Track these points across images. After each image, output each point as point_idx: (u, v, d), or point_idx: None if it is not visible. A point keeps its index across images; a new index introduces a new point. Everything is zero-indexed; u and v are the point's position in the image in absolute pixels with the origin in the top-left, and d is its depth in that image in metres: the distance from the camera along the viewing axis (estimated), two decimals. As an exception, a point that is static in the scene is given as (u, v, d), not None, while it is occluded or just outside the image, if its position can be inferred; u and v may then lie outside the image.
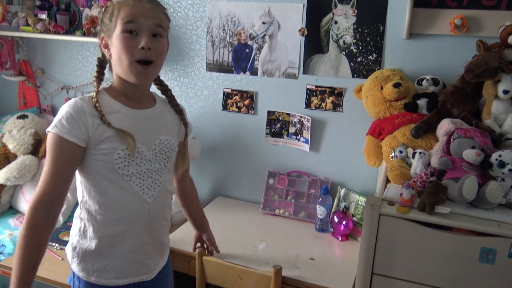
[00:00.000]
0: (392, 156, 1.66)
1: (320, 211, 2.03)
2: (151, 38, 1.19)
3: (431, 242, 1.41)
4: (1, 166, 2.23)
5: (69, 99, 2.65)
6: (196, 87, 2.37)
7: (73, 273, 1.29)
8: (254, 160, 2.32)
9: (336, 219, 1.99)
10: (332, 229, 2.03)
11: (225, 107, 2.32)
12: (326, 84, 2.11)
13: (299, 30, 2.10)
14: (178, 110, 1.42)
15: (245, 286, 1.73)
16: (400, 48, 1.95)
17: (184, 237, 1.98)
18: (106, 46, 1.25)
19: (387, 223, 1.44)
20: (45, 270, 1.77)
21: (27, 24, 2.43)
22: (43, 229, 1.15)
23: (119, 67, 1.21)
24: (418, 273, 1.44)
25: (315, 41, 2.08)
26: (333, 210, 2.06)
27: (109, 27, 1.20)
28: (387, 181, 1.63)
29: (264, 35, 2.16)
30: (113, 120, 1.19)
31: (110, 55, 1.24)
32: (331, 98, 2.11)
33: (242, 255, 1.83)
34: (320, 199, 2.04)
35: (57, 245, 1.92)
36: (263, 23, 2.15)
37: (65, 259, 1.84)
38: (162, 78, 1.48)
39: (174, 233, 2.03)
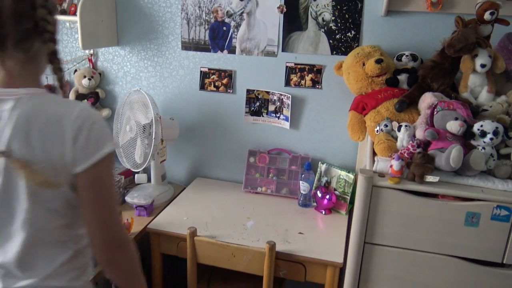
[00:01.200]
0: (377, 130, 1.72)
1: (304, 186, 2.07)
2: None
3: (420, 209, 1.48)
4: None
5: None
6: (171, 67, 2.31)
7: None
8: (233, 140, 2.32)
9: (319, 194, 2.04)
10: (315, 204, 2.08)
11: (202, 86, 2.29)
12: (306, 61, 2.12)
13: (278, 7, 2.09)
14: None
15: (238, 264, 1.74)
16: (378, 25, 2.00)
17: (170, 219, 1.96)
18: None
19: (379, 194, 1.50)
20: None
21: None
22: None
23: None
24: (408, 239, 1.52)
25: (294, 19, 2.09)
26: (315, 185, 2.10)
27: None
28: (373, 154, 1.69)
29: (242, 12, 2.14)
30: None
31: None
32: (310, 76, 2.13)
33: (232, 234, 1.84)
34: (303, 175, 2.08)
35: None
36: (241, 0, 2.12)
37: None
38: (134, 57, 1.37)
39: (160, 216, 2.00)
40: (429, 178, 1.47)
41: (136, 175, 2.21)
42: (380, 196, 1.50)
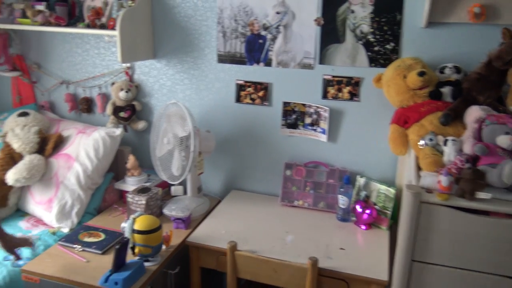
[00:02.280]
0: (422, 144, 1.68)
1: (342, 200, 2.05)
2: None
3: (470, 227, 1.44)
4: (6, 166, 2.12)
5: (70, 95, 2.57)
6: (207, 79, 2.32)
7: None
8: (269, 152, 2.31)
9: (359, 208, 2.01)
10: (354, 218, 2.05)
11: (238, 99, 2.29)
12: (343, 74, 2.11)
13: (315, 20, 2.08)
14: None
15: (280, 280, 1.72)
16: (419, 37, 1.97)
17: (208, 232, 1.96)
18: None
19: (427, 211, 1.46)
20: (71, 272, 1.71)
21: (24, 16, 2.31)
22: None
23: None
24: (458, 258, 1.48)
25: (331, 31, 2.07)
26: (353, 199, 2.07)
27: None
28: (418, 169, 1.66)
29: (279, 25, 2.13)
30: None
31: None
32: (348, 88, 2.11)
33: (272, 249, 1.82)
34: (342, 189, 2.05)
35: (78, 246, 1.85)
36: (277, 13, 2.12)
37: (91, 260, 1.78)
38: (170, 70, 1.52)
39: (198, 229, 1.99)
40: (481, 195, 1.43)
41: (172, 187, 2.22)
42: (428, 213, 1.46)
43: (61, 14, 2.30)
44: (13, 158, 2.16)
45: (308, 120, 2.20)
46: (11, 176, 2.05)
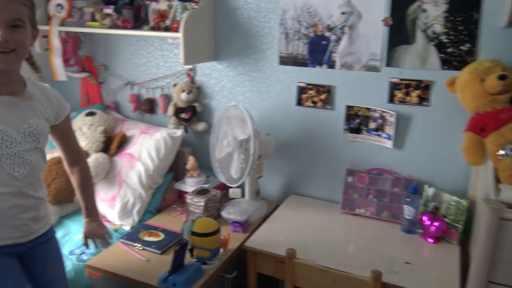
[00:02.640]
0: (502, 155, 1.54)
1: (408, 211, 1.93)
2: (9, 30, 1.27)
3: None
4: (73, 164, 2.20)
5: (134, 95, 2.64)
6: (267, 82, 2.29)
7: None
8: (330, 157, 2.23)
9: (426, 220, 1.88)
10: (420, 231, 1.93)
11: (299, 102, 2.23)
12: (412, 76, 1.99)
13: (383, 20, 1.98)
14: (43, 91, 1.48)
15: (340, 291, 1.65)
16: (499, 38, 1.81)
17: (266, 237, 1.92)
18: None
19: (508, 228, 1.33)
20: (131, 271, 1.73)
21: (93, 19, 2.39)
22: None
23: None
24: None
25: (400, 31, 1.96)
26: (420, 210, 1.95)
27: None
28: (497, 181, 1.52)
29: (344, 26, 2.06)
30: None
31: None
32: (417, 92, 1.99)
33: (332, 258, 1.75)
34: (408, 199, 1.93)
35: (139, 245, 1.88)
36: (342, 13, 2.04)
37: (150, 259, 1.81)
38: (231, 72, 2.01)
39: (256, 234, 1.96)
40: None
41: (230, 189, 2.21)
42: (509, 231, 1.33)
43: (127, 17, 2.36)
44: (80, 156, 2.24)
45: (372, 125, 2.10)
46: (78, 174, 2.12)
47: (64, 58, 2.52)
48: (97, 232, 1.69)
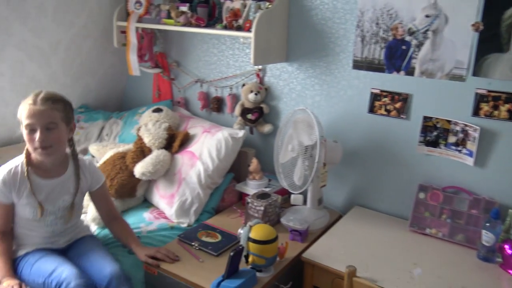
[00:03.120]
0: None
1: (487, 237, 1.74)
2: (45, 131, 1.62)
3: None
4: (136, 159, 2.24)
5: (203, 93, 2.65)
6: (339, 86, 2.18)
7: None
8: (402, 170, 2.08)
9: (508, 249, 1.68)
10: (500, 260, 1.73)
11: (371, 109, 2.10)
12: (503, 88, 1.79)
13: (473, 25, 1.80)
14: (76, 168, 1.79)
15: (403, 319, 1.51)
16: None
17: (326, 250, 1.82)
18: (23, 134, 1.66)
19: None
20: (186, 271, 1.72)
21: (169, 17, 2.43)
22: None
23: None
24: None
25: (492, 38, 1.77)
26: (501, 237, 1.75)
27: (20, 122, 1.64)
28: None
29: (427, 30, 1.90)
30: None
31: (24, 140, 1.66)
32: (507, 106, 1.79)
33: (395, 281, 1.62)
34: (487, 223, 1.74)
35: (196, 244, 1.87)
36: (427, 16, 1.89)
37: (205, 260, 1.78)
38: (301, 74, 2.23)
39: (315, 245, 1.87)
40: None
41: (292, 195, 2.13)
42: None
43: (201, 15, 2.37)
44: (143, 151, 2.28)
45: (452, 139, 1.92)
46: (138, 170, 2.16)
47: (139, 54, 2.60)
48: (154, 252, 1.79)
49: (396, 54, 1.99)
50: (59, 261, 1.67)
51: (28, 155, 1.70)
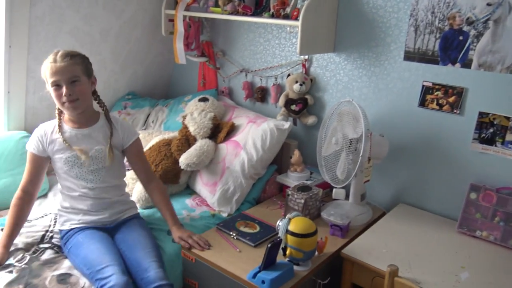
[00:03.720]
0: None
1: (545, 244, 1.61)
2: (70, 85, 1.68)
3: None
4: (181, 147, 2.25)
5: (248, 83, 2.63)
6: (388, 78, 2.09)
7: None
8: (452, 168, 1.97)
9: None
10: (559, 270, 1.60)
11: (422, 103, 2.00)
12: None
13: (539, 14, 1.66)
14: (110, 122, 1.85)
15: (448, 324, 1.43)
16: None
17: (367, 247, 1.76)
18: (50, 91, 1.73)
19: None
20: (223, 260, 1.72)
21: (216, 5, 2.42)
22: None
23: (58, 106, 1.76)
24: None
25: (561, 28, 1.63)
26: (562, 245, 1.61)
27: (45, 81, 1.72)
28: None
29: (487, 19, 1.77)
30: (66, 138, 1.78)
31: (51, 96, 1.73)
32: None
33: (440, 283, 1.54)
34: (546, 230, 1.62)
35: (234, 234, 1.86)
36: (488, 4, 1.76)
37: (242, 250, 1.77)
38: (349, 65, 2.18)
39: (356, 241, 1.81)
40: None
41: (334, 189, 2.08)
42: None
43: (249, 3, 2.33)
44: (188, 140, 2.29)
45: (510, 137, 1.79)
46: (183, 161, 2.16)
47: (185, 42, 2.61)
48: (186, 236, 1.82)
49: (452, 45, 1.88)
50: (108, 256, 1.63)
51: (59, 113, 1.79)
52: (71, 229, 1.78)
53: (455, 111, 1.92)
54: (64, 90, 1.67)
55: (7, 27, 2.11)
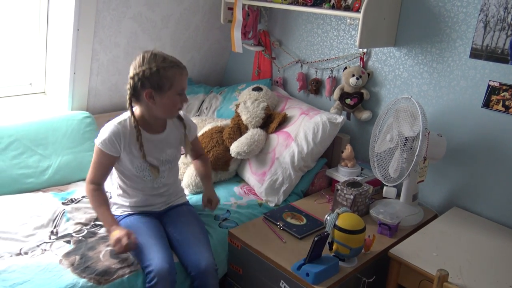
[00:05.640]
0: None
1: None
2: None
3: None
4: (233, 135, 2.28)
5: (302, 74, 2.61)
6: (451, 76, 2.00)
7: None
8: (514, 175, 1.87)
9: None
10: None
11: (486, 104, 1.90)
12: None
13: None
14: (182, 121, 1.88)
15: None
16: None
17: (416, 249, 1.71)
18: (151, 97, 1.67)
19: None
20: (269, 249, 1.73)
21: (277, -6, 2.41)
22: None
23: (161, 113, 1.73)
24: None
25: None
26: None
27: (162, 86, 1.66)
28: None
29: None
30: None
31: (153, 105, 1.69)
32: None
33: (494, 294, 1.47)
34: None
35: (280, 224, 1.87)
36: None
37: (287, 242, 1.78)
38: (409, 61, 2.11)
39: (405, 242, 1.76)
40: None
41: (385, 187, 2.03)
42: None
43: (309, -7, 2.31)
44: (239, 128, 2.32)
45: None
46: (234, 149, 2.19)
47: (243, 31, 2.62)
48: (215, 198, 1.93)
49: (524, 44, 1.77)
50: (154, 242, 1.65)
51: (133, 113, 1.73)
52: (121, 214, 1.82)
53: (522, 114, 1.81)
54: (184, 100, 1.73)
55: (76, 11, 2.21)
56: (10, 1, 2.29)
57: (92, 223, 1.88)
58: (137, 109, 1.75)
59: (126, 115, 1.75)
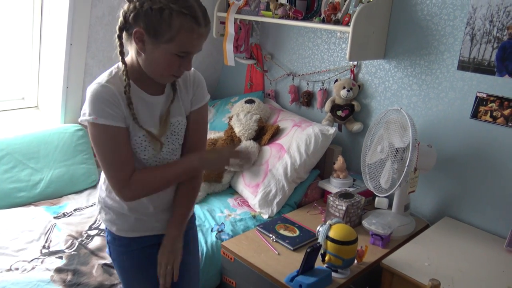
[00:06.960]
0: None
1: None
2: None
3: None
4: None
5: (294, 86, 2.64)
6: (440, 88, 2.03)
7: None
8: (504, 184, 1.89)
9: None
10: None
11: (475, 115, 1.93)
12: None
13: None
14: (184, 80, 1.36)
15: None
16: None
17: (408, 259, 1.72)
18: (141, 41, 1.16)
19: None
20: (262, 261, 1.74)
21: (268, 9, 2.44)
22: None
23: (151, 70, 1.21)
24: None
25: None
26: None
27: (158, 33, 1.13)
28: None
29: (550, 30, 1.69)
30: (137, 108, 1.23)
31: (142, 52, 1.18)
32: None
33: (486, 303, 1.48)
34: None
35: (273, 236, 1.87)
36: (552, 14, 1.68)
37: (280, 253, 1.78)
38: (399, 73, 2.00)
39: (397, 252, 1.77)
40: None
41: (377, 198, 2.04)
42: None
43: (300, 8, 2.34)
44: (232, 141, 2.33)
45: None
46: (227, 162, 2.21)
47: (235, 45, 2.65)
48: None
49: (511, 56, 1.80)
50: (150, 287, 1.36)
51: (125, 62, 1.22)
52: (117, 237, 1.38)
53: (510, 124, 1.84)
54: (187, 64, 1.21)
55: (69, 26, 2.23)
56: (3, 16, 2.31)
57: (84, 234, 1.87)
58: (132, 58, 1.23)
59: (115, 67, 1.25)
